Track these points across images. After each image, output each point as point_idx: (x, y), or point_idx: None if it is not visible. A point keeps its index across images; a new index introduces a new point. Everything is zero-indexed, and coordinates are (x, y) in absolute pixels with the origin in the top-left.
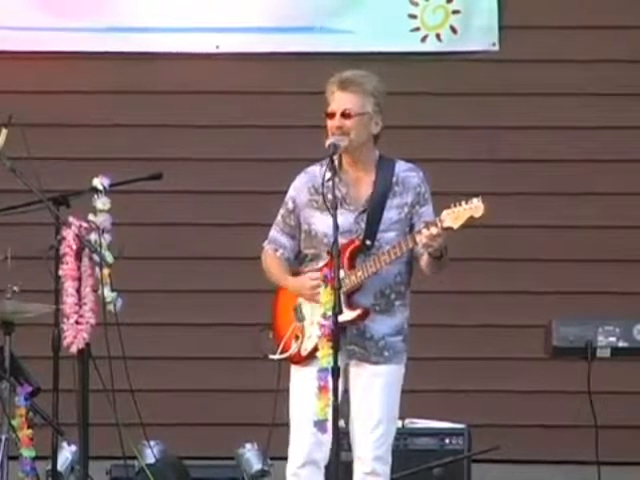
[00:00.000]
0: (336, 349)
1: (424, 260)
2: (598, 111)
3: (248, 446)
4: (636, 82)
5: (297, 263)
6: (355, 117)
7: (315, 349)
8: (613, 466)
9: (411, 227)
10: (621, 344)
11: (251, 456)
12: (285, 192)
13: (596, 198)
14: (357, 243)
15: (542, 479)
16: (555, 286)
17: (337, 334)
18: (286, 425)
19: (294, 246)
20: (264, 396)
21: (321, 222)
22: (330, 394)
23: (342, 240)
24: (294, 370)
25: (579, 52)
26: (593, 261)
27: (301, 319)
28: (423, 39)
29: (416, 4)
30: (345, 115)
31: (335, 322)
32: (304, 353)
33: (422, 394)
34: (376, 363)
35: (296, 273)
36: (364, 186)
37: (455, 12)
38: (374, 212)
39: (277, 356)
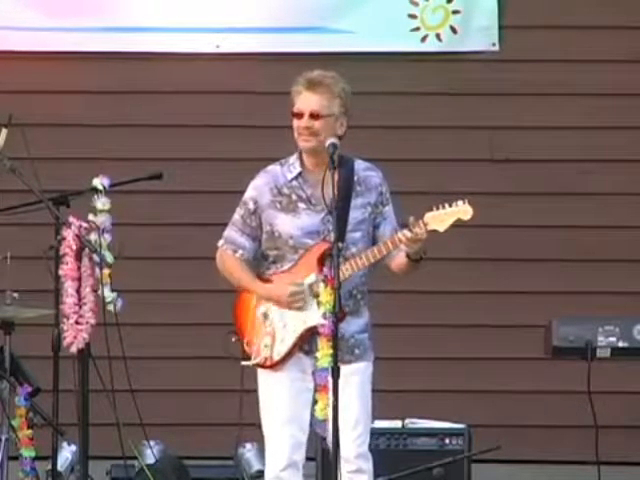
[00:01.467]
0: (335, 349)
1: (398, 261)
2: (598, 111)
3: (248, 446)
4: (636, 82)
5: (255, 264)
6: (323, 118)
7: (289, 352)
8: (613, 466)
9: (375, 227)
10: (621, 344)
11: (251, 456)
12: None
13: (596, 198)
14: (327, 245)
15: (542, 479)
16: (555, 286)
17: (337, 334)
18: None
19: (254, 247)
20: None
21: (285, 223)
22: (330, 394)
23: (310, 242)
24: (265, 374)
25: (579, 52)
26: (593, 261)
27: (271, 323)
28: (423, 39)
29: (416, 4)
30: (314, 116)
31: (335, 322)
32: (277, 357)
33: (422, 394)
34: (349, 362)
35: (257, 276)
36: (328, 187)
37: (455, 12)
38: (340, 213)
39: (252, 362)
